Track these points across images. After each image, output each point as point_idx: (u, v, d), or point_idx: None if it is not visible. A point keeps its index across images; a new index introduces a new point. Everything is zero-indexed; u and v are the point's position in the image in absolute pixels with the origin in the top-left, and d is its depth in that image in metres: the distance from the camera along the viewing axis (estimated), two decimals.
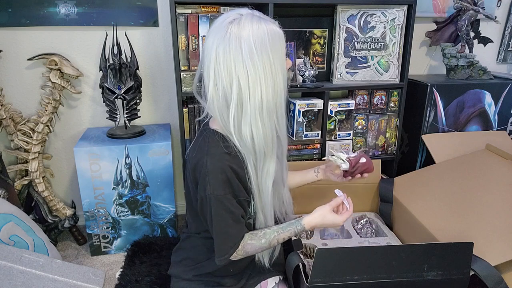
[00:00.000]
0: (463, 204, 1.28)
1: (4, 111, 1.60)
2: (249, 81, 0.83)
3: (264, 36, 0.83)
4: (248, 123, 0.86)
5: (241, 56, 0.82)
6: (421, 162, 1.87)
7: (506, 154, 1.44)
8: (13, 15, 1.61)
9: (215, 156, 0.88)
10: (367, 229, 1.51)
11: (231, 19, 0.85)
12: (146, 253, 1.43)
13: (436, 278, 0.99)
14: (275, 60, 0.84)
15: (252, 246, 0.96)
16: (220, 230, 0.92)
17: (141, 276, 1.28)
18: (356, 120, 1.80)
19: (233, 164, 0.89)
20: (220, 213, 0.90)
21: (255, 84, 0.84)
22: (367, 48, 1.72)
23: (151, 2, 1.71)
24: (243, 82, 0.83)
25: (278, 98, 0.88)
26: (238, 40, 0.82)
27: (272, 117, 0.88)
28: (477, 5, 1.83)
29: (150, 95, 1.86)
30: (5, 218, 1.32)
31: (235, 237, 0.94)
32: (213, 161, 0.88)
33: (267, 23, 0.85)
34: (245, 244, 0.95)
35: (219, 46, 0.83)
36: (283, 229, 0.99)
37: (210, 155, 0.88)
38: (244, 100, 0.85)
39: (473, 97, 1.83)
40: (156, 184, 1.66)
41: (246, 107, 0.85)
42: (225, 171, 0.87)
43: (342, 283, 0.97)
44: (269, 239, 0.97)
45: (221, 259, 0.94)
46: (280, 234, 0.98)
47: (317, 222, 1.01)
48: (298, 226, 0.99)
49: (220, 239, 0.93)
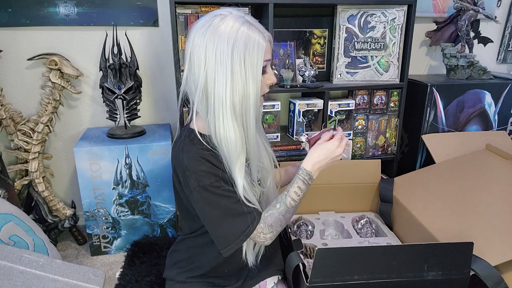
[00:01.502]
0: (463, 204, 1.28)
1: (4, 111, 1.60)
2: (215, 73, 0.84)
3: (241, 39, 0.82)
4: (212, 117, 0.86)
5: (213, 47, 0.83)
6: (421, 162, 1.87)
7: (506, 154, 1.44)
8: (13, 15, 1.61)
9: (190, 152, 0.88)
10: (367, 229, 1.51)
11: (219, 14, 0.86)
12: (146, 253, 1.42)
13: (436, 278, 0.99)
14: (247, 69, 0.83)
15: (271, 217, 0.92)
16: (219, 219, 0.89)
17: (141, 276, 1.28)
18: (356, 120, 1.80)
19: (209, 157, 0.87)
20: (212, 202, 0.88)
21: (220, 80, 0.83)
22: (367, 48, 1.72)
23: (151, 2, 1.71)
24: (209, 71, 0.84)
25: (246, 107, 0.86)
26: (216, 32, 0.83)
27: (239, 122, 0.86)
28: (477, 5, 1.83)
29: (150, 95, 1.86)
30: (5, 218, 1.32)
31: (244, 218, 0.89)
32: (188, 156, 0.87)
33: (253, 31, 0.84)
34: (264, 219, 0.92)
35: (198, 31, 0.85)
36: (289, 186, 0.94)
37: (185, 151, 0.88)
38: (209, 91, 0.85)
39: (473, 97, 1.83)
40: (156, 184, 1.66)
41: (210, 99, 0.85)
42: (202, 163, 0.87)
43: (342, 283, 0.97)
44: (283, 201, 0.92)
45: (229, 248, 0.89)
46: (290, 191, 0.93)
47: (315, 158, 0.94)
48: (299, 171, 0.94)
49: (219, 229, 0.89)
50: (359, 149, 1.85)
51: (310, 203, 1.51)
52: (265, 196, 1.04)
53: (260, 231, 0.91)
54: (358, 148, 1.85)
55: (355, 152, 1.85)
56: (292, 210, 0.94)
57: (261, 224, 0.91)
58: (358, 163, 1.61)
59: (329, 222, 1.52)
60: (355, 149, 1.84)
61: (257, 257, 1.01)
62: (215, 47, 0.83)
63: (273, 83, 0.94)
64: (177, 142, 0.94)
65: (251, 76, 0.84)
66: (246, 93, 0.84)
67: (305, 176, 0.93)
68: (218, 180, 0.87)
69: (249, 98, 0.85)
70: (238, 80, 0.83)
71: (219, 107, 0.85)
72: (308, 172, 0.93)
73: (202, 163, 0.87)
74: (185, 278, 1.05)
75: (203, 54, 0.84)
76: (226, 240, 0.89)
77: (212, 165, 0.88)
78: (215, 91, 0.84)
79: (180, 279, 1.06)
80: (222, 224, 0.89)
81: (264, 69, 0.88)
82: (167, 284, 1.11)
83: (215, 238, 0.91)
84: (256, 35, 0.84)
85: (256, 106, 0.87)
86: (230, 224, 0.89)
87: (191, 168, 0.86)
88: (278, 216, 0.92)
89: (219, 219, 0.89)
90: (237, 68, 0.83)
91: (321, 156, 0.94)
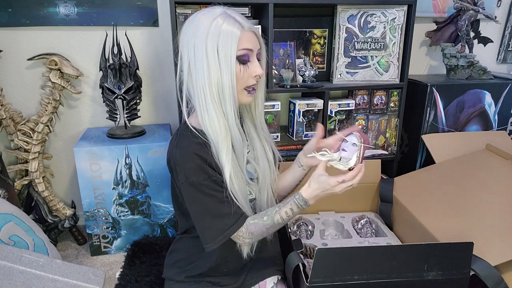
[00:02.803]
0: (463, 204, 1.28)
1: (4, 111, 1.60)
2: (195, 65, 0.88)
3: (215, 29, 0.85)
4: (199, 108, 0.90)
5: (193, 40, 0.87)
6: (421, 162, 1.87)
7: (506, 154, 1.44)
8: (13, 15, 1.61)
9: (183, 147, 0.91)
10: (367, 229, 1.51)
11: (202, 10, 0.91)
12: (146, 253, 1.42)
13: (436, 278, 0.99)
14: (221, 58, 0.86)
15: (255, 226, 0.93)
16: (200, 216, 0.91)
17: (141, 276, 1.28)
18: (356, 120, 1.80)
19: (201, 153, 0.89)
20: (198, 199, 0.90)
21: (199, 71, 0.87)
22: (367, 48, 1.72)
23: (151, 2, 1.71)
24: (191, 64, 0.89)
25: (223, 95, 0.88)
26: (196, 26, 0.87)
27: (219, 110, 0.89)
28: (477, 5, 1.83)
29: (150, 95, 1.86)
30: (5, 218, 1.32)
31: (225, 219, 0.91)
32: (181, 151, 0.90)
33: (228, 21, 0.86)
34: (248, 225, 0.93)
35: (183, 29, 0.91)
36: (283, 204, 0.95)
37: (178, 147, 0.92)
38: (193, 83, 0.89)
39: (473, 97, 1.83)
40: (156, 184, 1.66)
41: (195, 90, 0.90)
42: (193, 159, 0.89)
43: (342, 283, 0.97)
44: (271, 215, 0.93)
45: (208, 246, 0.92)
46: (281, 208, 0.93)
47: (313, 188, 0.92)
48: (296, 196, 0.93)
49: (203, 225, 0.92)
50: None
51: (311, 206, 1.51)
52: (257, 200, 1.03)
53: (240, 234, 0.93)
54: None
55: None
56: (277, 226, 0.95)
57: (243, 228, 0.93)
58: None
59: (329, 222, 1.52)
60: None
61: (252, 248, 1.01)
62: (193, 40, 0.87)
63: (260, 75, 0.91)
64: (172, 138, 0.97)
65: (225, 65, 0.86)
66: (222, 82, 0.87)
67: (300, 202, 0.93)
68: (207, 178, 0.89)
69: (224, 87, 0.87)
70: (213, 70, 0.86)
71: (201, 97, 0.89)
72: (305, 199, 0.93)
73: (192, 159, 0.89)
74: (183, 278, 1.06)
75: (185, 49, 0.89)
76: (206, 237, 0.92)
77: (203, 161, 0.89)
78: (197, 82, 0.88)
79: (179, 278, 1.07)
80: (204, 221, 0.92)
81: (243, 58, 0.88)
82: (166, 284, 1.11)
83: (199, 233, 0.93)
84: (230, 25, 0.86)
85: (232, 95, 0.88)
86: (211, 223, 0.91)
87: (181, 163, 0.89)
88: (262, 228, 0.94)
89: (201, 216, 0.92)
90: (212, 58, 0.86)
91: (318, 190, 0.92)
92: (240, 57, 0.87)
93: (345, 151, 0.94)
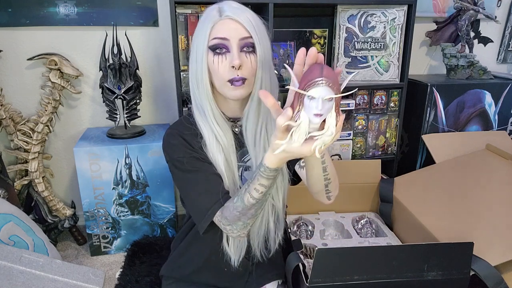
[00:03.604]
0: (463, 204, 1.28)
1: (4, 111, 1.60)
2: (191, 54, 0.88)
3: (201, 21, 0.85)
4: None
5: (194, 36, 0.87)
6: (421, 162, 1.86)
7: (506, 154, 1.44)
8: (13, 15, 1.61)
9: (171, 128, 0.93)
10: (367, 229, 1.51)
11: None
12: (146, 253, 1.43)
13: (436, 278, 0.99)
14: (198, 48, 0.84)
15: (227, 210, 0.82)
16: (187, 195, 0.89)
17: (141, 276, 1.28)
18: (356, 120, 1.80)
19: (184, 135, 0.89)
20: (182, 177, 0.88)
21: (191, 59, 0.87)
22: (367, 48, 1.72)
23: (151, 2, 1.71)
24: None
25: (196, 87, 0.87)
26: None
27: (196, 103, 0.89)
28: (477, 5, 1.83)
29: (150, 95, 1.86)
30: (5, 218, 1.32)
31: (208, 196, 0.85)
32: (167, 132, 0.92)
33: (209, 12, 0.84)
34: (223, 210, 0.83)
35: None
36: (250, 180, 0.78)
37: (168, 128, 0.93)
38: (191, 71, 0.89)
39: (473, 97, 1.83)
40: (156, 184, 1.66)
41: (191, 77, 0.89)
42: (176, 138, 0.89)
43: (342, 283, 0.97)
44: (241, 196, 0.78)
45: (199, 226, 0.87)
46: (250, 186, 0.77)
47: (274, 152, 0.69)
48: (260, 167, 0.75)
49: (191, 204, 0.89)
50: (359, 149, 1.85)
51: (310, 203, 1.51)
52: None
53: (219, 220, 0.84)
54: (358, 148, 1.85)
55: (355, 152, 1.85)
56: (253, 208, 0.79)
57: (219, 212, 0.84)
58: (358, 163, 1.62)
59: (329, 222, 1.52)
60: (355, 149, 1.84)
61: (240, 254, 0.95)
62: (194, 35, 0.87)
63: (235, 66, 0.80)
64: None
65: (198, 56, 0.84)
66: (196, 75, 0.86)
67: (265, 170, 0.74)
68: (187, 156, 0.87)
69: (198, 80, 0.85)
70: (193, 62, 0.86)
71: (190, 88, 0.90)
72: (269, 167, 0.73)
73: (175, 138, 0.89)
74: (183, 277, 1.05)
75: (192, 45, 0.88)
76: (195, 215, 0.88)
77: (186, 142, 0.88)
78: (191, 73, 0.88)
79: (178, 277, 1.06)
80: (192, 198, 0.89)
81: (217, 48, 0.81)
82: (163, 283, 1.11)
83: (191, 213, 0.92)
84: (208, 13, 0.83)
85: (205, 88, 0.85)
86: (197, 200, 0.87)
87: (165, 142, 0.91)
88: (233, 212, 0.80)
89: (188, 194, 0.89)
90: (193, 49, 0.85)
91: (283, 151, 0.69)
92: (213, 47, 0.81)
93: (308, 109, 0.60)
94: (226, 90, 0.84)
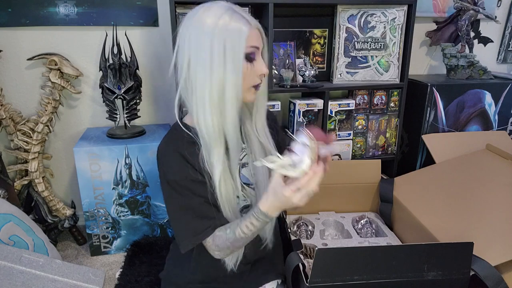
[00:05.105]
0: (463, 204, 1.28)
1: (4, 111, 1.60)
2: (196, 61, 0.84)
3: (223, 26, 0.81)
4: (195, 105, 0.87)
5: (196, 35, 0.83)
6: (421, 162, 1.87)
7: (506, 154, 1.44)
8: (13, 15, 1.61)
9: (168, 142, 0.92)
10: (367, 229, 1.51)
11: (204, 5, 0.86)
12: (146, 253, 1.43)
13: (436, 278, 0.99)
14: (227, 56, 0.82)
15: (220, 238, 0.89)
16: (173, 216, 0.91)
17: (141, 276, 1.28)
18: (356, 120, 1.80)
19: (185, 152, 0.88)
20: (173, 198, 0.90)
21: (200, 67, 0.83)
22: (367, 48, 1.72)
23: (151, 2, 1.71)
24: (191, 60, 0.84)
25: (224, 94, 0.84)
26: (199, 21, 0.83)
27: (216, 109, 0.85)
28: (477, 5, 1.83)
29: (150, 95, 1.86)
30: (5, 218, 1.32)
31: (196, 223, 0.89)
32: (163, 147, 0.92)
33: (236, 18, 0.82)
34: (214, 237, 0.90)
35: (184, 22, 0.87)
36: (244, 217, 0.88)
37: (164, 142, 0.93)
38: (192, 79, 0.85)
39: (473, 97, 1.83)
40: (156, 184, 1.66)
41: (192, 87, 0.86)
42: (175, 157, 0.89)
43: (342, 283, 0.97)
44: (233, 229, 0.88)
45: (180, 247, 0.91)
46: (242, 222, 0.87)
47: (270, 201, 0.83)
48: (255, 209, 0.85)
49: (175, 225, 0.92)
50: (359, 149, 1.85)
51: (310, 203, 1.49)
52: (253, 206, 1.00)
53: (208, 245, 0.91)
54: (358, 148, 1.85)
55: (355, 152, 1.85)
56: (242, 241, 0.89)
57: (210, 239, 0.90)
58: (358, 163, 1.62)
59: (329, 222, 1.52)
60: (355, 149, 1.84)
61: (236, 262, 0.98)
62: (197, 34, 0.82)
63: (265, 74, 0.88)
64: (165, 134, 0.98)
65: (231, 62, 0.82)
66: (224, 81, 0.82)
67: (259, 215, 0.85)
68: (184, 179, 0.88)
69: (227, 86, 0.83)
70: (217, 67, 0.82)
71: (199, 95, 0.85)
72: (264, 213, 0.84)
73: (174, 157, 0.89)
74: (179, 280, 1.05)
75: (187, 41, 0.84)
76: (178, 237, 0.92)
77: (185, 160, 0.88)
78: (196, 80, 0.84)
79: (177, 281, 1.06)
80: (177, 221, 0.92)
81: (250, 56, 0.85)
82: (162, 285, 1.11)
83: (174, 231, 0.93)
84: (238, 22, 0.82)
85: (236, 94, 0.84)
86: (183, 224, 0.91)
87: (162, 158, 0.91)
88: (225, 242, 0.89)
89: (175, 216, 0.92)
90: (216, 55, 0.81)
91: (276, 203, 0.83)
92: (248, 55, 0.84)
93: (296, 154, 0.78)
94: (249, 95, 0.90)
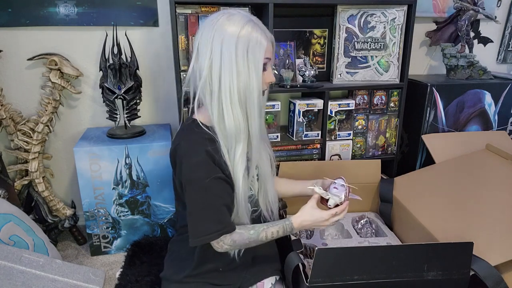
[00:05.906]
0: (463, 204, 1.28)
1: (4, 111, 1.60)
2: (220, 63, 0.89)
3: (245, 36, 0.89)
4: (216, 105, 0.92)
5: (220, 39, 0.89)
6: (421, 162, 1.87)
7: (506, 154, 1.44)
8: (13, 15, 1.61)
9: (191, 140, 0.94)
10: (367, 229, 1.51)
11: (227, 12, 0.93)
12: (146, 253, 1.43)
13: (436, 278, 0.99)
14: (250, 63, 0.90)
15: (240, 236, 0.96)
16: (194, 211, 0.93)
17: (141, 276, 1.28)
18: (356, 120, 1.80)
19: (208, 148, 0.91)
20: (196, 195, 0.92)
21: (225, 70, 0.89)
22: (367, 48, 1.72)
23: (151, 2, 1.71)
24: (214, 61, 0.90)
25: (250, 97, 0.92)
26: (223, 27, 0.89)
27: (243, 111, 0.92)
28: (477, 5, 1.83)
29: (150, 95, 1.86)
30: (5, 218, 1.32)
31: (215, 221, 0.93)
32: (189, 145, 0.93)
33: (256, 30, 0.91)
34: (233, 233, 0.95)
35: (206, 25, 0.92)
36: (272, 224, 0.99)
37: (186, 139, 0.94)
38: (214, 80, 0.90)
39: (473, 97, 1.83)
40: (156, 184, 1.66)
41: (215, 87, 0.91)
42: (200, 154, 0.91)
43: (342, 283, 0.97)
44: (258, 231, 0.97)
45: (192, 241, 0.94)
46: (269, 228, 0.98)
47: (304, 219, 1.00)
48: (287, 222, 0.99)
49: (193, 220, 0.93)
50: (359, 149, 1.85)
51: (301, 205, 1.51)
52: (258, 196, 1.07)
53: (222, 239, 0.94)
54: (358, 148, 1.85)
55: (355, 152, 1.85)
56: (259, 242, 0.99)
57: (228, 235, 0.94)
58: (358, 163, 1.62)
59: None
60: (355, 149, 1.84)
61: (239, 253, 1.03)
62: (221, 39, 0.89)
63: (272, 82, 0.99)
64: (179, 132, 0.99)
65: (254, 69, 0.90)
66: (250, 84, 0.90)
67: (288, 228, 0.99)
68: (209, 177, 0.91)
69: (253, 89, 0.91)
70: (242, 71, 0.89)
71: (224, 95, 0.90)
72: (293, 227, 0.99)
73: (199, 154, 0.91)
74: (182, 278, 1.05)
75: (209, 45, 0.90)
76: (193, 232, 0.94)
77: (210, 158, 0.91)
78: (220, 79, 0.90)
79: (176, 278, 1.06)
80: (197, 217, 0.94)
81: (264, 66, 0.93)
82: (162, 285, 1.11)
83: (189, 225, 0.95)
84: (259, 34, 0.91)
85: (259, 97, 0.93)
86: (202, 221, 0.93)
87: (187, 156, 0.92)
88: (245, 240, 0.96)
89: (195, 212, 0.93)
90: (241, 61, 0.89)
91: (308, 222, 1.00)
92: (264, 65, 0.93)
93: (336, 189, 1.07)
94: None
